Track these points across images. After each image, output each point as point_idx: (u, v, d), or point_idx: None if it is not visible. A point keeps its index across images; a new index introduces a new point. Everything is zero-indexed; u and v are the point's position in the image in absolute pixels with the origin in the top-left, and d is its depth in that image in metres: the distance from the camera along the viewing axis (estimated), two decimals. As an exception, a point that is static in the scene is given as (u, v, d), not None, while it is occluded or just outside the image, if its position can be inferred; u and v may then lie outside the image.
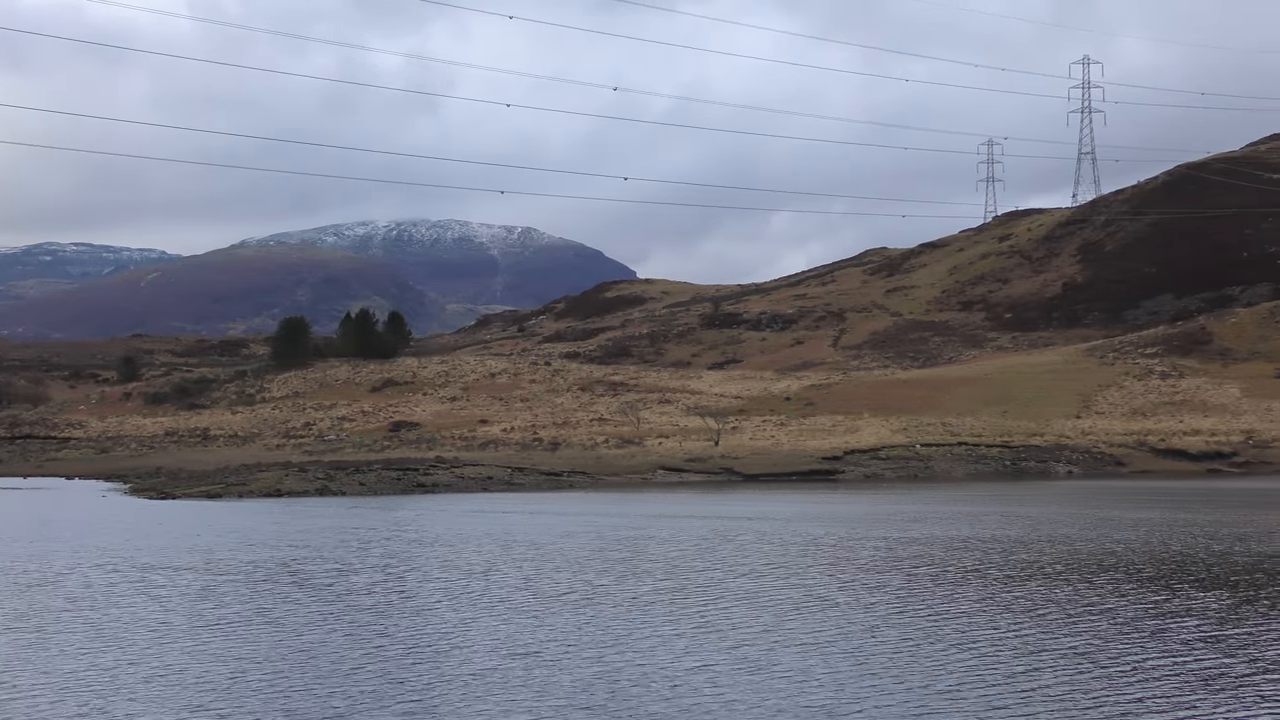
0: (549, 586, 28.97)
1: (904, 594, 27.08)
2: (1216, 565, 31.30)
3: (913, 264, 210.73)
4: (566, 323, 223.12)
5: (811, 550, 35.89)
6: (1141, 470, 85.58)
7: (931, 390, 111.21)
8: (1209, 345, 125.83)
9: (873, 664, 19.81)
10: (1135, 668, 19.27)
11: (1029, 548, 35.82)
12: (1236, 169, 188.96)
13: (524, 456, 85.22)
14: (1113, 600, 25.85)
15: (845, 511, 52.26)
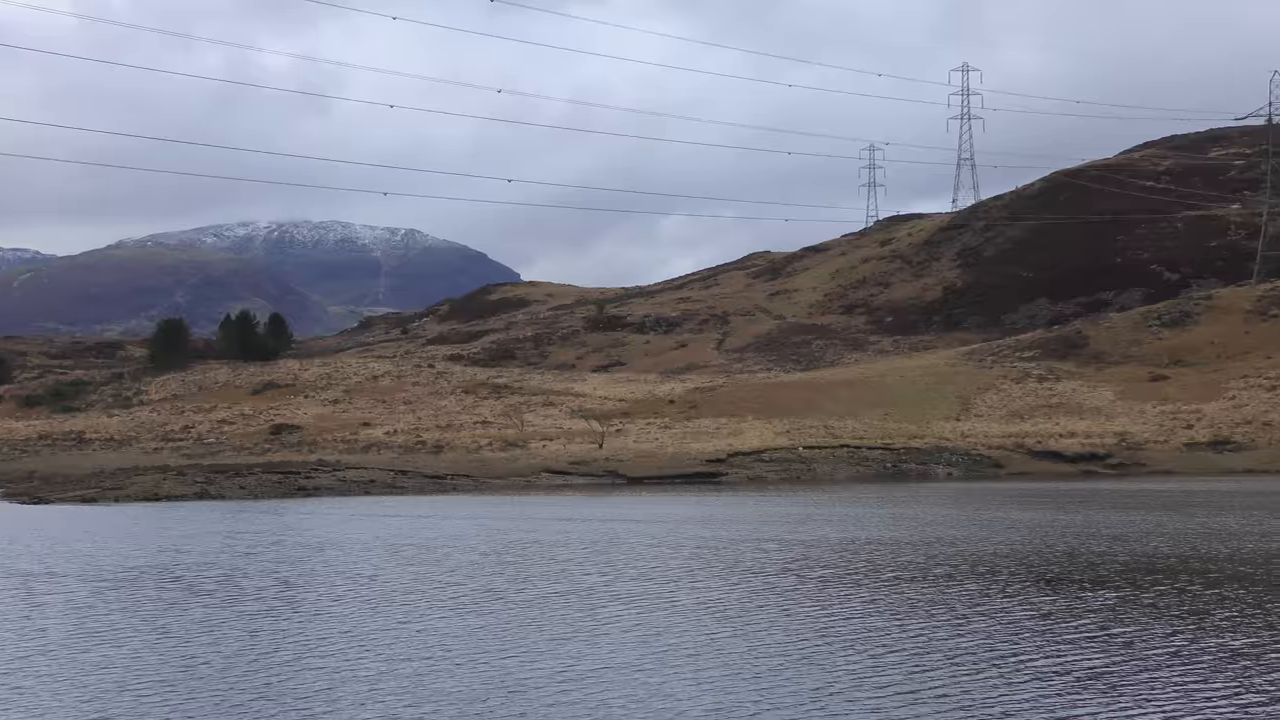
0: (440, 591, 28.77)
1: (797, 595, 27.21)
2: (1099, 566, 31.84)
3: (795, 268, 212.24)
4: (450, 325, 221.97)
5: (704, 553, 35.97)
6: (1019, 472, 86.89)
7: (814, 393, 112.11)
8: (1084, 349, 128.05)
9: (766, 666, 19.85)
10: (1024, 667, 19.50)
11: (917, 549, 36.19)
12: (1111, 176, 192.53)
13: (407, 459, 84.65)
14: (1001, 601, 26.18)
15: (733, 514, 52.53)
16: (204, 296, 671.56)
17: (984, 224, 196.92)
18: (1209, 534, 39.67)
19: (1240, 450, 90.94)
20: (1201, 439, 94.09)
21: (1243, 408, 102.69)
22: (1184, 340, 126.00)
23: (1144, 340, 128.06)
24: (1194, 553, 34.49)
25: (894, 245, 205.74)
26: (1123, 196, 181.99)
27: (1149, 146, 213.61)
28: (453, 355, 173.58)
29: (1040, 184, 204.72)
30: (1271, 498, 58.78)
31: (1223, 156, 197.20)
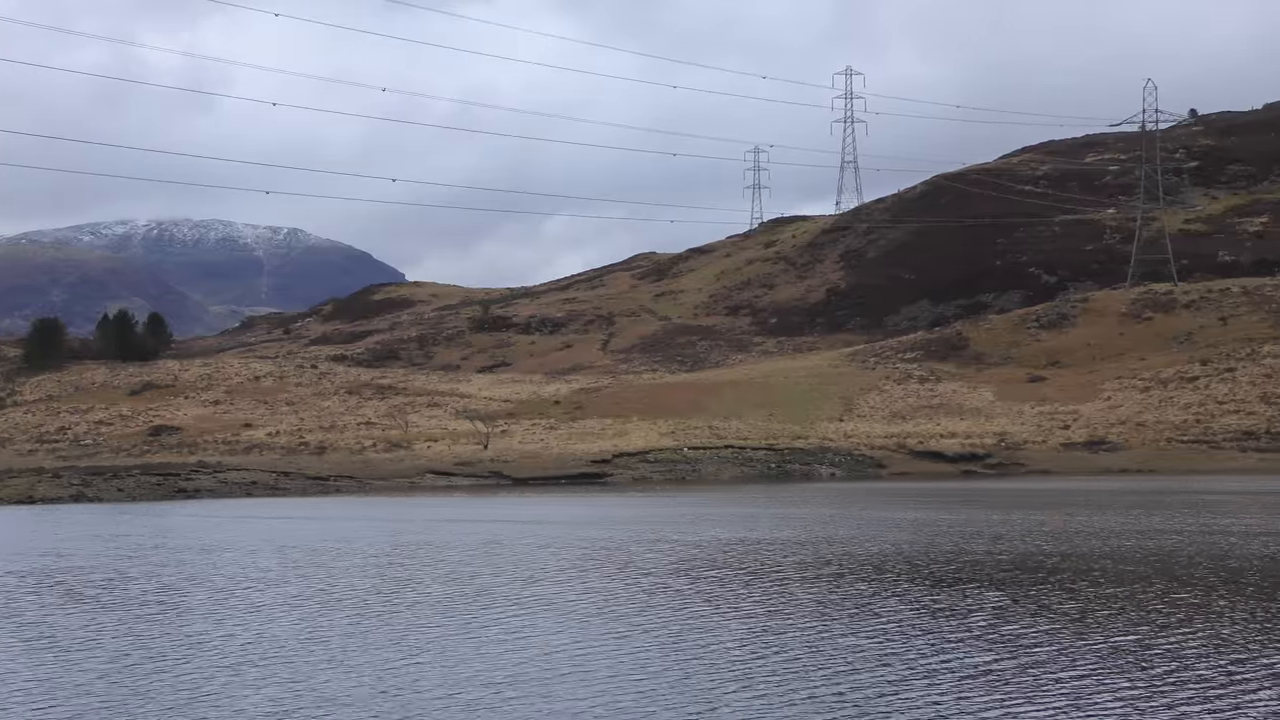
0: (329, 594, 28.46)
1: (690, 596, 27.25)
2: (984, 565, 32.21)
3: (681, 269, 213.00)
4: (334, 325, 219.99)
5: (596, 554, 35.93)
6: (901, 472, 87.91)
7: (699, 394, 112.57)
8: (965, 350, 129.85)
9: (659, 666, 19.85)
10: (917, 665, 19.66)
11: (806, 549, 36.40)
12: (991, 180, 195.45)
13: (289, 461, 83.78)
14: (891, 600, 26.37)
15: (622, 514, 52.53)
16: (81, 295, 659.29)
17: (867, 226, 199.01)
18: (1089, 533, 40.34)
19: (1115, 450, 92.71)
20: (1078, 439, 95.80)
21: (1117, 408, 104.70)
22: (1061, 342, 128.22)
23: (1023, 342, 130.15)
24: (1075, 551, 35.04)
25: (778, 247, 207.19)
26: (1002, 200, 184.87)
27: (1028, 151, 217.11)
28: (336, 356, 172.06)
29: (922, 187, 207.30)
30: (1146, 496, 59.94)
31: (1099, 162, 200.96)
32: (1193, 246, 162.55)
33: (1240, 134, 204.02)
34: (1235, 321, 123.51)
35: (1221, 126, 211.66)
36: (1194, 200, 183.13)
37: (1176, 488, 67.52)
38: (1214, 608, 24.92)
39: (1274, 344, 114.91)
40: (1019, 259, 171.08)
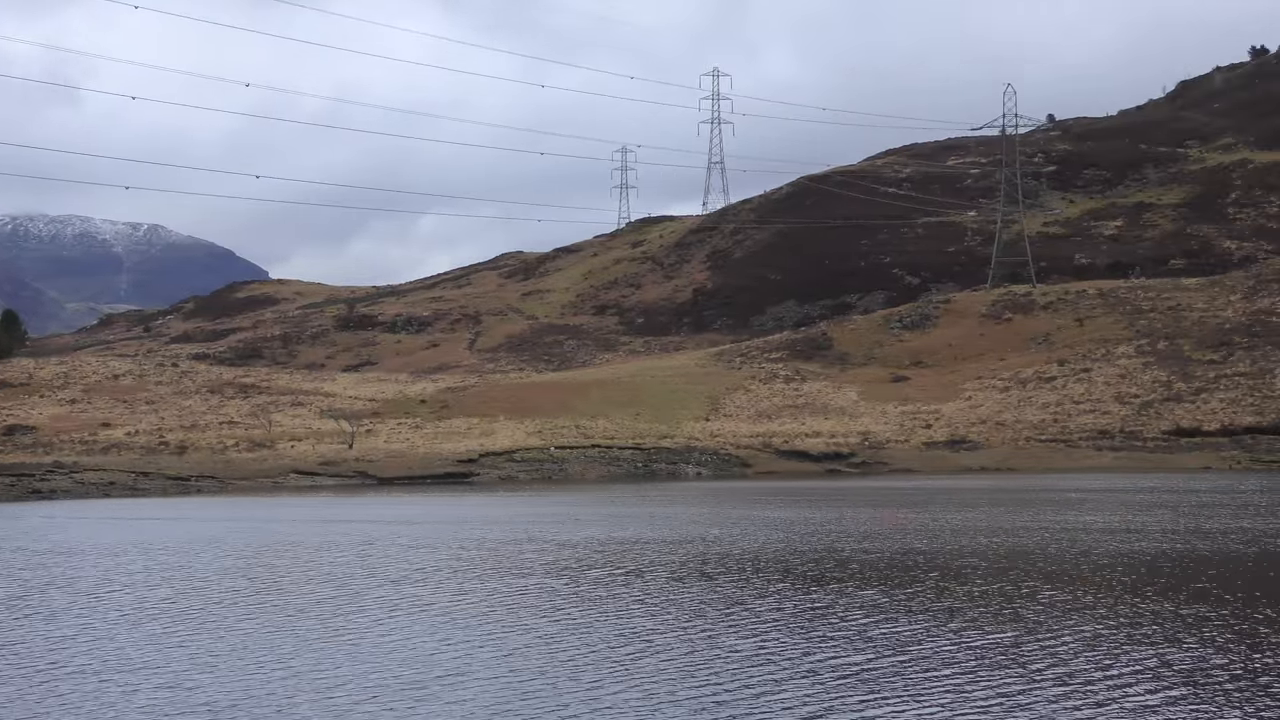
0: (198, 598, 27.92)
1: (569, 596, 27.15)
2: (856, 563, 32.46)
3: (548, 268, 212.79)
4: (195, 323, 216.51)
5: (471, 555, 35.69)
6: (766, 471, 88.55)
7: (566, 393, 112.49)
8: (829, 351, 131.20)
9: (538, 667, 19.71)
10: (795, 665, 19.72)
11: (681, 548, 36.44)
12: (855, 182, 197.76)
13: (149, 461, 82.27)
14: (769, 599, 26.46)
15: (493, 514, 52.30)
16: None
17: (733, 227, 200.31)
18: (957, 530, 40.90)
19: (976, 449, 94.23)
20: (940, 438, 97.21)
21: (978, 408, 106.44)
22: (923, 342, 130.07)
23: (886, 342, 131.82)
24: (944, 549, 35.50)
25: (645, 247, 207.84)
26: (866, 202, 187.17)
27: (891, 154, 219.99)
28: (198, 354, 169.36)
29: (788, 188, 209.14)
30: (1005, 494, 60.94)
31: (960, 165, 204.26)
32: (1051, 249, 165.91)
33: (1096, 139, 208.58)
34: (1091, 323, 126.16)
35: (1078, 132, 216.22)
36: (1052, 204, 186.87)
37: (1037, 485, 68.79)
38: (1083, 603, 25.39)
39: (1128, 345, 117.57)
40: (882, 260, 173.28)
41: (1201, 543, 36.34)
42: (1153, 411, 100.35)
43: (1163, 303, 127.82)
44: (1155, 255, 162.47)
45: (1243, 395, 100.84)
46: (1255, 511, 47.79)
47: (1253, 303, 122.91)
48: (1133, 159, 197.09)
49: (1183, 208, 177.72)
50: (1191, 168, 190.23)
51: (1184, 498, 56.50)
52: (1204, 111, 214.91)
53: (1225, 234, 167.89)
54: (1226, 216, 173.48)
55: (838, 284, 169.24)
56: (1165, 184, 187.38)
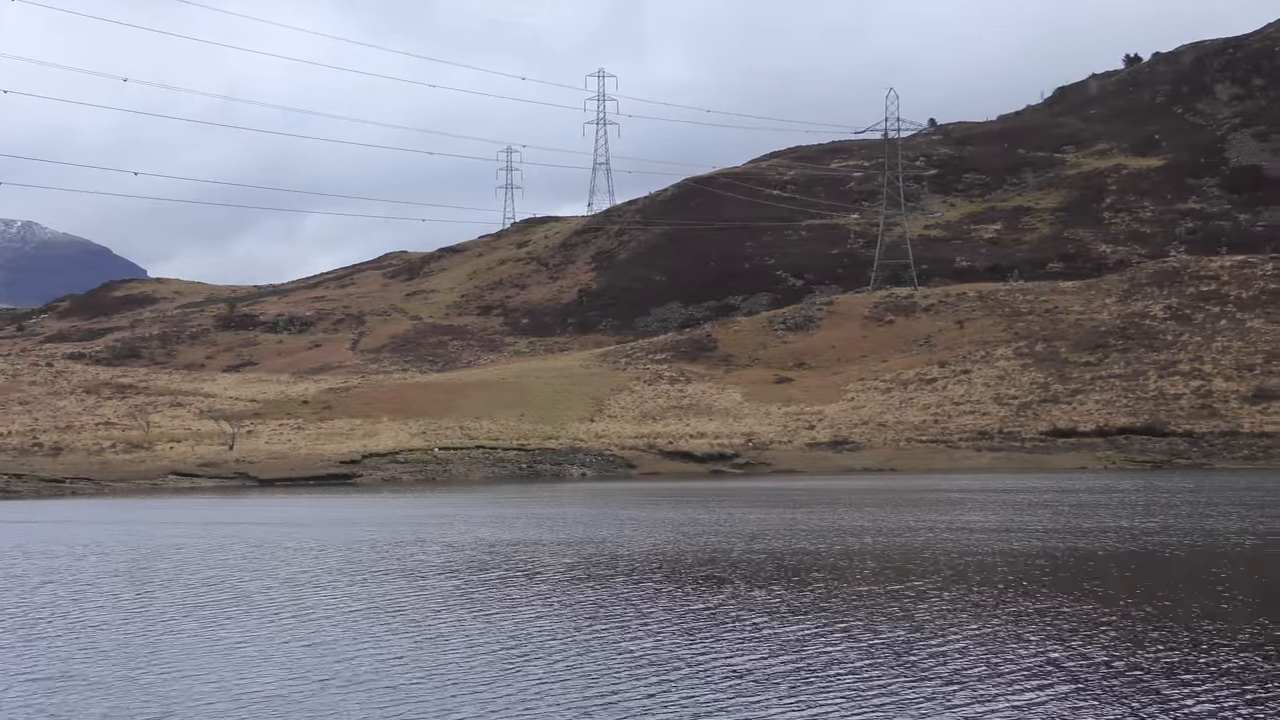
0: (81, 604, 27.30)
1: (461, 597, 26.94)
2: (748, 564, 32.52)
3: (433, 268, 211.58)
4: (71, 322, 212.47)
5: (362, 556, 35.30)
6: (651, 472, 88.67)
7: (450, 394, 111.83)
8: (714, 352, 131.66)
9: (427, 669, 19.54)
10: (691, 666, 19.71)
11: (572, 549, 36.31)
12: (740, 184, 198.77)
13: (21, 462, 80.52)
14: (661, 600, 26.45)
15: (380, 515, 51.88)
16: None
17: (618, 228, 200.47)
18: (844, 531, 41.17)
19: (858, 450, 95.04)
20: (822, 439, 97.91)
21: (860, 409, 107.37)
22: (807, 344, 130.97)
23: (770, 343, 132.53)
24: (833, 549, 35.72)
25: (531, 247, 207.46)
26: (751, 204, 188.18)
27: (775, 156, 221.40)
28: (73, 354, 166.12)
29: (673, 190, 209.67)
30: (889, 495, 61.52)
31: (843, 168, 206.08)
32: (932, 252, 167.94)
33: (976, 144, 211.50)
34: (971, 325, 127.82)
35: (959, 136, 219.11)
36: (933, 207, 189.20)
37: (919, 486, 69.51)
38: (970, 602, 25.64)
39: (1006, 347, 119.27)
40: (766, 262, 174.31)
41: (1082, 541, 36.91)
42: (1030, 412, 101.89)
43: (1040, 305, 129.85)
44: (1033, 258, 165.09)
45: (1117, 396, 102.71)
46: (1133, 510, 48.64)
47: (1127, 305, 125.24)
48: (1011, 163, 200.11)
49: (1060, 212, 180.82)
50: (1068, 173, 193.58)
51: (1063, 497, 57.40)
52: (1080, 117, 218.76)
53: (1101, 238, 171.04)
54: (1102, 221, 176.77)
55: (722, 285, 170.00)
56: (1043, 188, 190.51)
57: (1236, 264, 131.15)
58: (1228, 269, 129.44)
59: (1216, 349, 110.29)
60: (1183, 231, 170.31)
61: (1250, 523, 42.58)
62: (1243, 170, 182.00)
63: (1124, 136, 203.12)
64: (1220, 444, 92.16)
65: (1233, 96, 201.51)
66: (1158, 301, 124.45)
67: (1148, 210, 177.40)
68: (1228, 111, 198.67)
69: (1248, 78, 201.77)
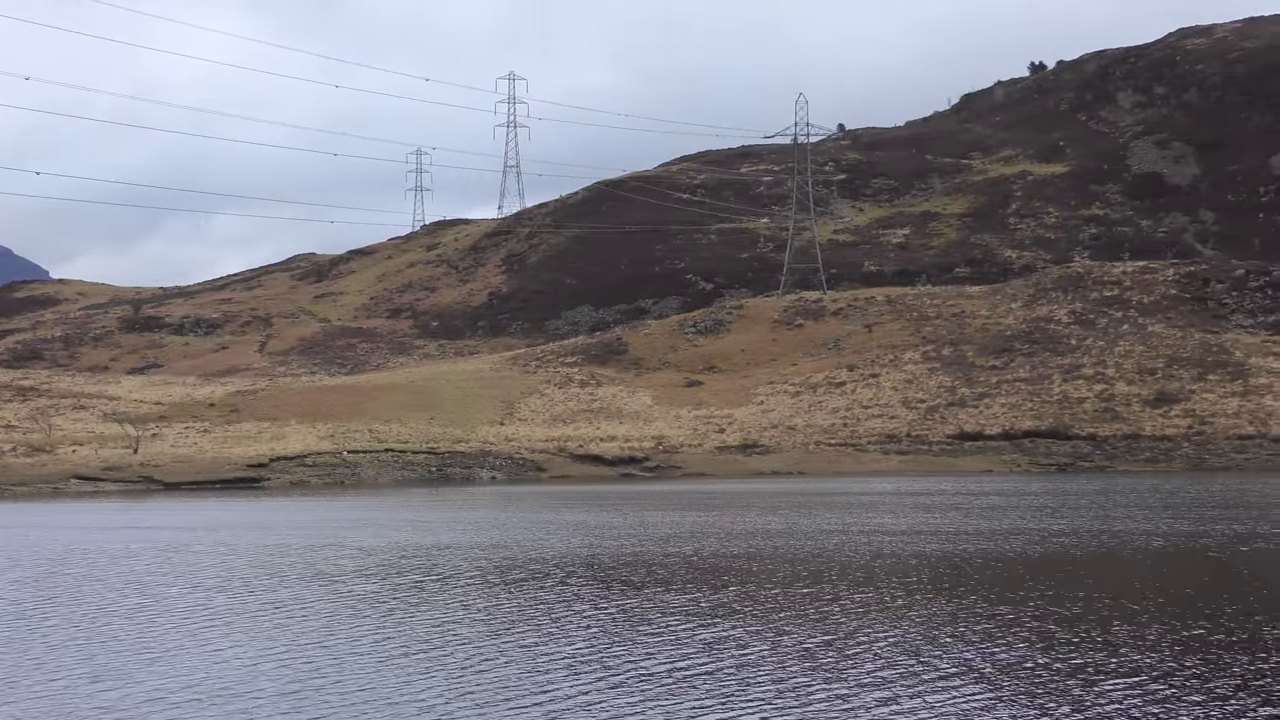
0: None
1: (378, 602, 26.71)
2: (662, 566, 32.53)
3: (342, 270, 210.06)
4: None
5: (276, 560, 34.92)
6: (561, 475, 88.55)
7: (359, 397, 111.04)
8: (624, 355, 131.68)
9: (342, 673, 19.37)
10: (614, 669, 19.65)
11: (488, 553, 36.14)
12: (650, 188, 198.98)
13: (-80, 467, 79.03)
14: (580, 605, 26.35)
15: (295, 519, 51.37)
16: None
17: (529, 231, 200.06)
18: (757, 534, 41.28)
19: (767, 453, 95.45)
20: (732, 442, 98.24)
21: (770, 412, 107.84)
22: (717, 347, 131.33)
23: (680, 347, 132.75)
24: (748, 552, 35.79)
25: (440, 250, 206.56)
26: (661, 208, 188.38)
27: (686, 160, 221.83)
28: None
29: (584, 193, 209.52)
30: (802, 497, 61.77)
31: (753, 173, 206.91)
32: (841, 256, 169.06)
33: (885, 149, 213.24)
34: (879, 329, 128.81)
35: (868, 142, 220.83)
36: (842, 212, 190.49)
37: (830, 489, 69.86)
38: (887, 605, 25.77)
39: (914, 351, 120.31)
40: (677, 266, 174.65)
41: (993, 544, 37.25)
42: (938, 416, 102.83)
43: (947, 310, 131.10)
44: (940, 263, 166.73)
45: (1022, 400, 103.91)
46: (1042, 513, 49.16)
47: (1032, 310, 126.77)
48: (919, 169, 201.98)
49: (966, 217, 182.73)
50: (975, 178, 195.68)
51: (972, 500, 57.95)
52: (986, 124, 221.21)
53: (1006, 243, 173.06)
54: (1007, 226, 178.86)
55: (633, 289, 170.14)
56: (950, 194, 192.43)
57: (1138, 269, 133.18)
58: (1130, 274, 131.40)
59: (1119, 353, 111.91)
60: (1086, 237, 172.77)
61: (1155, 524, 43.20)
62: (1144, 177, 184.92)
63: (1029, 143, 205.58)
64: (1122, 447, 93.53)
65: (1135, 104, 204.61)
66: (1062, 306, 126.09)
67: (1052, 216, 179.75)
68: (1130, 119, 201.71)
69: (1149, 86, 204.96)
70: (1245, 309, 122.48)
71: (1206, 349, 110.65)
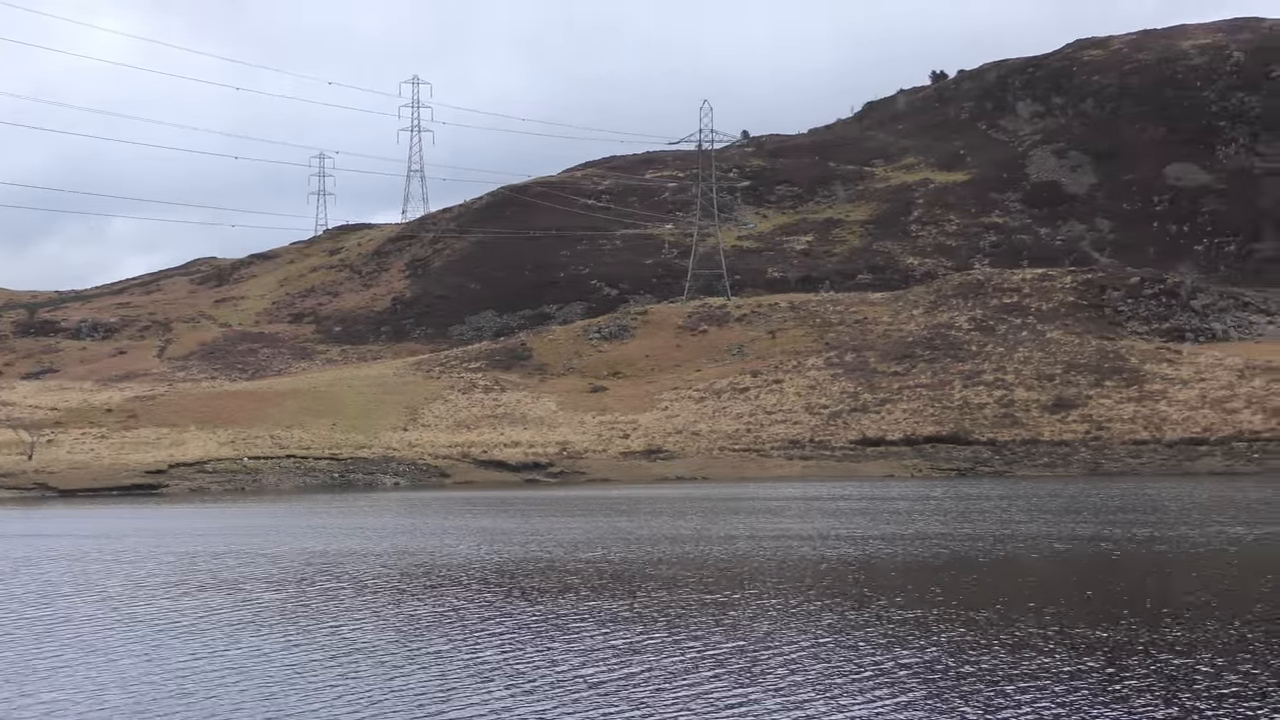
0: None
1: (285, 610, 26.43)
2: (574, 573, 32.48)
3: (243, 275, 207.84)
4: None
5: (180, 568, 34.42)
6: (465, 481, 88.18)
7: (261, 402, 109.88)
8: (529, 361, 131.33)
9: (257, 683, 19.13)
10: (530, 678, 19.58)
11: (399, 559, 35.93)
12: (555, 193, 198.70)
13: None
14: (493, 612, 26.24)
15: (198, 526, 50.84)
16: None
17: (433, 235, 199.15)
18: (665, 539, 41.32)
19: (672, 458, 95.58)
20: (637, 448, 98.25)
21: (674, 418, 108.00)
22: (622, 353, 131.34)
23: (585, 352, 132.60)
24: (657, 558, 35.85)
25: (344, 255, 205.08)
26: (566, 213, 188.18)
27: (590, 166, 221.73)
28: None
29: (488, 198, 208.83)
30: (707, 503, 61.91)
31: (658, 178, 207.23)
32: (745, 262, 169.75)
33: (788, 156, 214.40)
34: (783, 335, 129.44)
35: (771, 148, 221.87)
36: (746, 218, 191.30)
37: (736, 494, 70.05)
38: (800, 609, 25.86)
39: (817, 357, 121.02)
40: (581, 271, 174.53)
41: (902, 548, 37.54)
42: (841, 422, 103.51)
43: (850, 316, 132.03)
44: (843, 270, 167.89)
45: (924, 406, 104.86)
46: (947, 517, 49.63)
47: (933, 317, 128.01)
48: (822, 176, 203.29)
49: (869, 224, 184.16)
50: (877, 186, 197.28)
51: (879, 505, 58.40)
52: (888, 132, 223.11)
53: (908, 250, 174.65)
54: (909, 233, 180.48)
55: (537, 294, 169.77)
56: (853, 201, 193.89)
57: (1037, 277, 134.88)
58: (1029, 282, 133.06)
59: (1018, 359, 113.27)
60: (986, 245, 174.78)
61: (1057, 528, 43.74)
62: (1043, 186, 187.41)
63: (930, 151, 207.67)
64: (1021, 452, 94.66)
65: (1033, 114, 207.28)
66: (963, 313, 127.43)
67: (953, 224, 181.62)
68: (1029, 129, 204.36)
69: (1048, 96, 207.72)
70: (1140, 316, 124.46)
71: (1103, 355, 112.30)
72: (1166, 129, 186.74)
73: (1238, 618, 24.64)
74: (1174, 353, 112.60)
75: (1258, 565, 33.85)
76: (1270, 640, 22.25)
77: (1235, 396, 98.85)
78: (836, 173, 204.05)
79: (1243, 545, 37.74)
